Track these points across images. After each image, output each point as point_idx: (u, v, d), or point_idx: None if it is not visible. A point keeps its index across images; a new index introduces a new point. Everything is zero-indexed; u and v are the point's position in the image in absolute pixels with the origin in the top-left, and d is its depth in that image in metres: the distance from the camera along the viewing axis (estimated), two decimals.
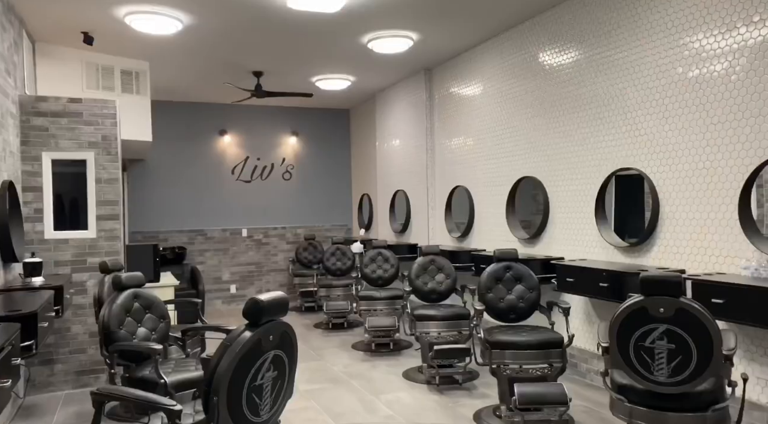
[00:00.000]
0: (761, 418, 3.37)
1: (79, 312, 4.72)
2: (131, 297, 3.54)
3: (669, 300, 2.59)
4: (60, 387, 4.64)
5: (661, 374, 2.63)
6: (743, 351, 3.43)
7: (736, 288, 3.15)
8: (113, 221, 4.82)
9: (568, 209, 4.97)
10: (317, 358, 5.72)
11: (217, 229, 8.92)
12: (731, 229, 3.53)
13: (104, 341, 3.38)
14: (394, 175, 8.25)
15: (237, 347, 2.17)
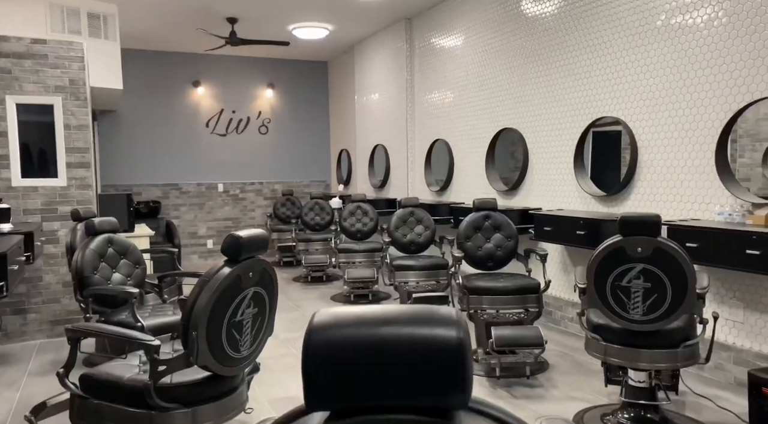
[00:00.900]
0: (728, 358, 3.49)
1: (51, 262, 4.62)
2: (105, 242, 3.46)
3: (647, 240, 2.62)
4: (34, 336, 4.58)
5: (636, 313, 2.68)
6: (713, 294, 3.53)
7: (710, 232, 3.21)
8: (84, 170, 4.68)
9: (547, 160, 4.97)
10: (296, 309, 5.74)
11: (192, 183, 8.76)
12: (707, 175, 3.57)
13: (78, 285, 3.31)
14: (373, 129, 8.15)
15: (215, 284, 2.14)
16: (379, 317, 0.67)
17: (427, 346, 0.64)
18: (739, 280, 3.40)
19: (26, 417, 2.36)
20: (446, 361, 0.64)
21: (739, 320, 3.41)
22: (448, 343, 0.64)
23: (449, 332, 0.65)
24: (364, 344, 0.65)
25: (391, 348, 0.65)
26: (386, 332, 0.65)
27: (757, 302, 3.33)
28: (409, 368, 0.64)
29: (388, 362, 0.65)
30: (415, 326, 0.66)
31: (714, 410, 3.11)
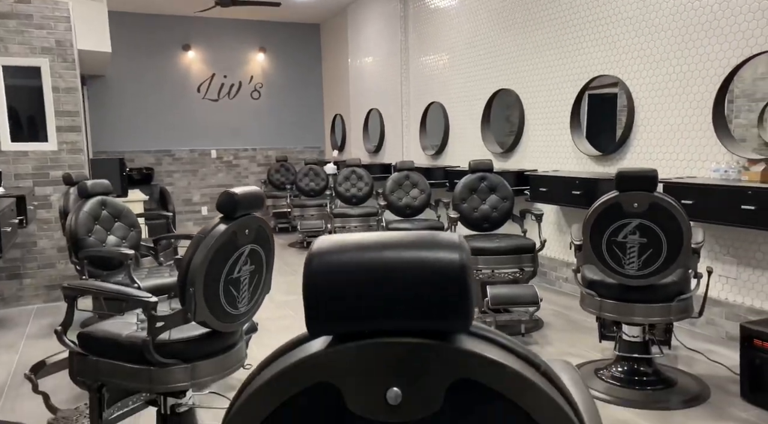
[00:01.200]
0: (719, 313, 3.53)
1: (44, 227, 4.59)
2: (99, 205, 3.43)
3: (643, 195, 2.61)
4: (30, 301, 4.59)
5: (632, 268, 2.69)
6: (707, 251, 3.55)
7: (705, 188, 3.21)
8: (75, 134, 4.61)
9: (543, 120, 4.93)
10: (293, 273, 5.76)
11: (185, 149, 8.68)
12: (704, 132, 3.55)
13: (73, 248, 3.29)
14: (367, 93, 8.05)
15: (211, 240, 2.13)
16: (381, 242, 0.66)
17: (429, 269, 0.63)
18: (733, 236, 3.42)
19: (26, 375, 2.37)
20: (448, 284, 0.63)
21: (732, 275, 3.45)
22: (451, 266, 0.63)
23: (452, 255, 0.64)
24: (366, 268, 0.64)
25: (393, 271, 0.64)
26: (388, 256, 0.64)
27: (750, 258, 3.35)
28: (411, 291, 0.64)
29: (389, 285, 0.64)
30: (418, 249, 0.65)
31: (705, 363, 3.16)
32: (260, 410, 0.67)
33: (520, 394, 0.65)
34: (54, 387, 2.91)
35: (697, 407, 2.68)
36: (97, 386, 2.27)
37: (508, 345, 0.69)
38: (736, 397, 2.75)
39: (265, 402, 0.66)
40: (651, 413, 2.64)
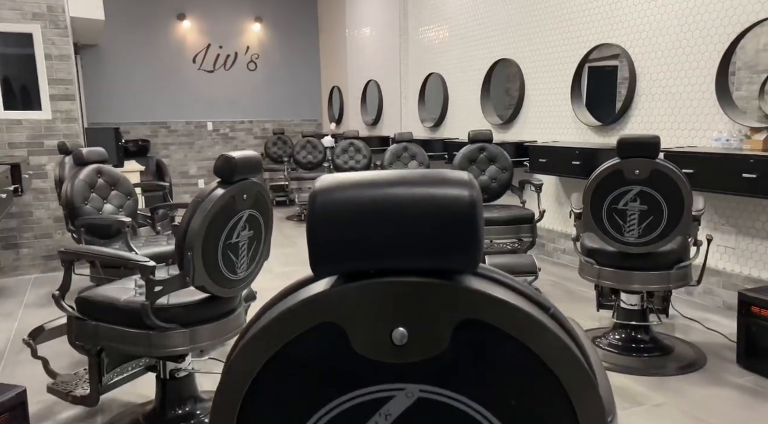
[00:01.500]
0: (717, 282, 3.55)
1: (40, 197, 4.56)
2: (94, 172, 3.39)
3: (645, 161, 2.59)
4: (28, 271, 4.58)
5: (632, 235, 2.69)
6: (706, 221, 3.55)
7: (706, 157, 3.19)
8: (69, 102, 4.55)
9: (543, 90, 4.88)
10: (291, 245, 5.75)
11: (181, 121, 8.59)
12: (707, 101, 3.52)
13: (69, 215, 3.27)
14: (365, 64, 7.94)
15: (209, 205, 2.11)
16: (387, 178, 0.64)
17: (437, 205, 0.61)
18: (733, 205, 3.41)
19: (24, 340, 2.37)
20: (457, 221, 0.61)
21: (731, 245, 3.45)
22: (460, 202, 0.61)
23: (461, 191, 0.62)
24: (372, 204, 0.62)
25: (399, 207, 0.62)
26: (395, 192, 0.62)
27: (749, 227, 3.35)
28: (419, 228, 0.62)
29: (396, 222, 0.62)
30: (425, 186, 0.63)
31: (702, 331, 3.18)
32: (264, 351, 0.65)
33: (529, 334, 0.63)
34: (53, 353, 2.91)
35: (693, 373, 2.70)
36: (96, 350, 2.27)
37: (517, 287, 0.68)
38: (732, 363, 2.77)
39: (268, 342, 0.65)
40: (647, 379, 2.66)
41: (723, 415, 2.32)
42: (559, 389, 0.64)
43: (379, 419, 0.65)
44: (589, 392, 0.64)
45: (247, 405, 0.67)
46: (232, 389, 0.67)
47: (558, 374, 0.64)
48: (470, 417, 0.64)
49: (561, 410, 0.65)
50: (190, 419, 2.33)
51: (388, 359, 0.64)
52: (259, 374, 0.66)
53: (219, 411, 0.68)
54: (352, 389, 0.65)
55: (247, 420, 0.67)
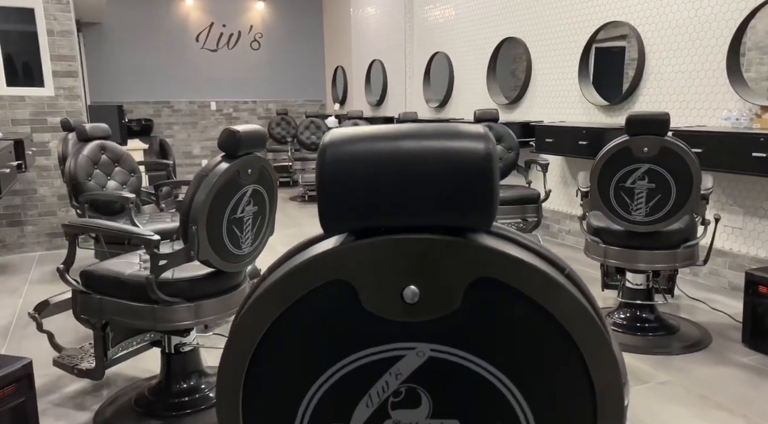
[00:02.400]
0: (723, 263, 3.53)
1: (44, 174, 4.55)
2: (98, 149, 3.38)
3: (654, 139, 2.56)
4: (33, 248, 4.59)
5: (639, 214, 2.66)
6: (714, 201, 3.52)
7: (715, 136, 3.15)
8: (72, 79, 4.51)
9: (550, 69, 4.82)
10: (295, 226, 5.75)
11: (184, 101, 8.54)
12: (717, 79, 3.47)
13: (73, 191, 3.26)
14: (369, 44, 7.86)
15: (213, 178, 2.09)
16: (399, 132, 0.62)
17: (451, 159, 0.59)
18: (741, 186, 3.38)
19: (30, 314, 2.37)
20: (472, 174, 0.59)
21: (738, 225, 3.42)
22: (475, 156, 0.59)
23: (476, 144, 0.60)
24: (383, 158, 0.60)
25: (412, 161, 0.60)
26: (407, 145, 0.60)
27: (757, 208, 3.32)
28: (431, 182, 0.60)
29: (408, 177, 0.60)
30: (439, 139, 0.60)
31: (707, 311, 3.17)
32: (272, 309, 0.64)
33: (544, 294, 0.62)
34: (58, 329, 2.92)
35: (698, 352, 2.70)
36: (101, 324, 2.27)
37: (532, 246, 0.66)
38: (737, 343, 2.76)
39: (277, 300, 0.64)
40: (652, 358, 2.66)
41: (727, 393, 2.32)
42: (573, 349, 0.63)
43: (389, 379, 0.64)
44: (605, 354, 0.63)
45: (254, 364, 0.66)
46: (240, 348, 0.65)
47: (573, 335, 0.62)
48: (482, 377, 0.63)
49: (575, 371, 0.63)
50: (194, 393, 2.34)
51: (398, 317, 0.63)
52: (267, 332, 0.65)
53: (227, 370, 0.67)
54: (361, 348, 0.63)
55: (255, 379, 0.66)
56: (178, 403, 2.30)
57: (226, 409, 0.68)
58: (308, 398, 0.65)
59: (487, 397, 0.64)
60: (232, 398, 0.67)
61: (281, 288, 0.64)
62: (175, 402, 2.30)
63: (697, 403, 2.25)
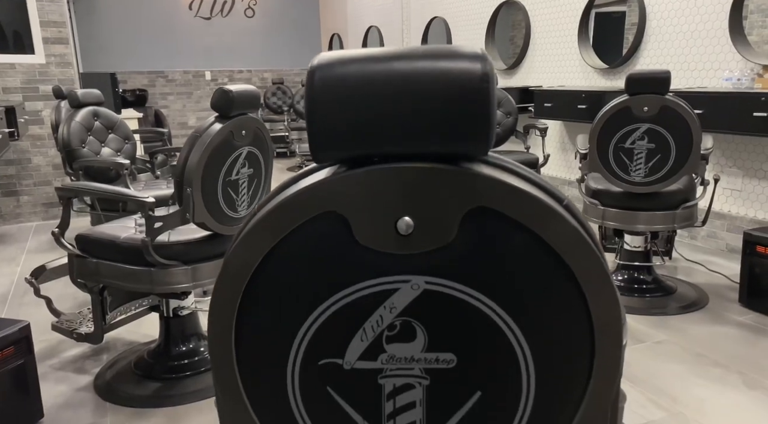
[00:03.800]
0: (721, 225, 3.52)
1: (38, 144, 4.50)
2: (91, 115, 3.33)
3: (654, 98, 2.52)
4: (29, 218, 4.57)
5: (638, 175, 2.64)
6: (713, 164, 3.49)
7: (716, 96, 3.11)
8: (63, 46, 4.43)
9: (549, 33, 4.74)
10: None
11: (179, 71, 8.42)
12: (719, 39, 3.41)
13: (66, 158, 3.22)
14: (366, 10, 7.71)
15: (207, 139, 2.06)
16: (392, 53, 0.59)
17: (446, 80, 0.57)
18: (741, 147, 3.35)
19: (27, 279, 2.36)
20: (468, 97, 0.57)
21: (737, 188, 3.41)
22: (471, 76, 0.57)
23: (473, 64, 0.57)
24: (375, 79, 0.57)
25: (405, 83, 0.57)
26: (400, 66, 0.57)
27: (756, 169, 3.30)
28: (426, 105, 0.57)
29: (401, 99, 0.57)
30: (434, 59, 0.58)
31: (705, 273, 3.18)
32: (262, 243, 0.62)
33: (542, 224, 0.60)
34: (57, 297, 2.93)
35: (695, 312, 2.71)
36: (99, 288, 2.27)
37: (529, 176, 0.64)
38: (734, 303, 2.77)
39: (268, 234, 0.62)
40: (649, 318, 2.67)
41: (724, 351, 2.33)
42: (571, 282, 0.61)
43: (383, 312, 0.63)
44: (604, 287, 0.61)
45: (246, 301, 0.64)
46: (230, 284, 0.64)
47: (571, 266, 0.61)
48: (478, 310, 0.62)
49: (573, 305, 0.62)
50: (194, 356, 2.35)
51: (392, 249, 0.61)
52: (258, 268, 0.63)
53: (218, 308, 0.65)
54: (355, 281, 0.62)
55: (247, 317, 0.65)
56: (178, 365, 2.31)
57: (218, 348, 0.67)
58: (302, 333, 0.64)
59: (483, 330, 0.63)
60: (224, 336, 0.66)
61: (271, 222, 0.62)
62: (175, 365, 2.31)
63: (694, 361, 2.27)
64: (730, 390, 2.05)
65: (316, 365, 0.65)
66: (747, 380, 2.11)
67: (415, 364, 0.64)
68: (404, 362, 0.64)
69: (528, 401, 0.64)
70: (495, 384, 0.64)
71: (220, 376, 0.68)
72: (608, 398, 0.66)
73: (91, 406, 2.08)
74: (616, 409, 0.68)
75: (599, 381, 0.64)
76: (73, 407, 2.08)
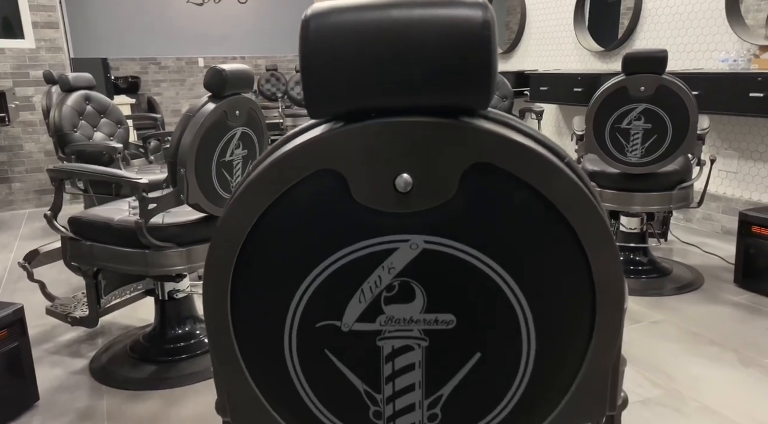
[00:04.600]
0: (717, 208, 3.53)
1: (29, 130, 4.45)
2: (82, 99, 3.29)
3: (651, 77, 2.51)
4: (22, 206, 4.53)
5: (635, 155, 2.64)
6: (708, 146, 3.49)
7: (713, 77, 3.10)
8: (53, 30, 4.37)
9: (545, 16, 4.71)
10: None
11: (171, 57, 8.33)
12: (715, 20, 3.39)
13: (58, 143, 3.19)
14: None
15: (200, 119, 2.04)
16: (389, 1, 0.57)
17: (446, 28, 0.55)
18: (737, 129, 3.35)
19: (20, 263, 2.34)
20: (469, 46, 0.55)
21: (732, 169, 3.41)
22: (472, 24, 0.55)
23: (474, 12, 0.55)
24: (372, 29, 0.56)
25: (402, 32, 0.55)
26: (398, 14, 0.56)
27: (752, 151, 3.30)
28: (424, 55, 0.56)
29: (399, 49, 0.56)
30: (433, 7, 0.56)
31: (700, 254, 3.19)
32: (258, 202, 0.61)
33: (544, 180, 0.59)
34: (51, 282, 2.91)
35: (690, 292, 2.71)
36: (93, 272, 2.25)
37: (530, 132, 0.63)
38: (729, 283, 2.78)
39: (263, 192, 0.60)
40: (645, 299, 2.67)
41: (719, 329, 2.34)
42: (573, 239, 0.60)
43: (382, 273, 0.61)
44: (606, 244, 0.60)
45: (242, 262, 0.63)
46: (225, 246, 0.62)
47: (573, 223, 0.60)
48: (478, 270, 0.61)
49: (574, 263, 0.61)
50: (190, 339, 2.34)
51: (391, 208, 0.60)
52: (253, 227, 0.62)
53: (213, 270, 0.64)
54: (353, 241, 0.61)
55: (243, 278, 0.64)
56: (174, 348, 2.31)
57: (214, 313, 0.66)
58: (299, 295, 0.63)
59: (483, 290, 0.62)
60: (220, 300, 0.65)
61: (266, 180, 0.60)
62: (171, 347, 2.31)
63: (690, 339, 2.27)
64: (726, 368, 2.06)
65: (314, 328, 0.64)
66: (742, 358, 2.12)
67: (414, 325, 0.63)
68: (403, 323, 0.63)
69: (528, 361, 0.64)
70: (495, 345, 0.63)
71: (216, 341, 0.67)
72: (609, 359, 0.65)
73: (87, 389, 2.07)
74: (617, 372, 0.67)
75: (600, 341, 0.64)
76: (69, 389, 2.07)
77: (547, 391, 0.65)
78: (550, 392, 0.65)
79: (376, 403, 0.65)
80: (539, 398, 0.65)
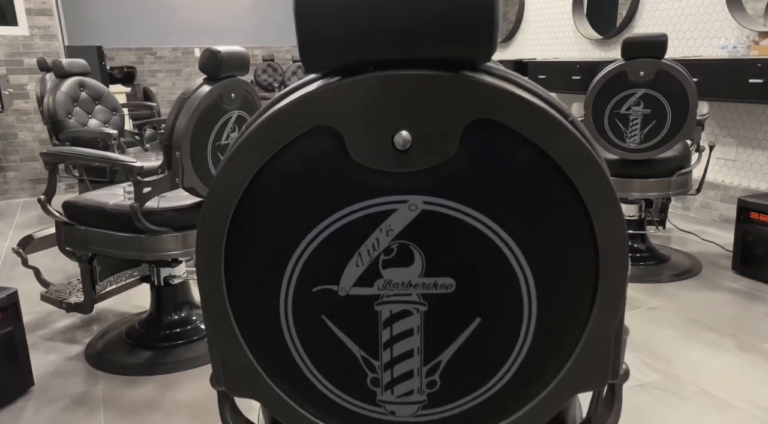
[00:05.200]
0: (715, 196, 3.52)
1: (24, 118, 4.41)
2: (77, 85, 3.26)
3: (650, 62, 2.49)
4: (16, 195, 4.50)
5: (633, 141, 2.62)
6: (707, 134, 3.48)
7: (712, 63, 3.08)
8: (47, 17, 4.32)
9: (543, 3, 4.67)
10: None
11: (167, 48, 8.27)
12: (714, 7, 3.37)
13: (53, 129, 3.16)
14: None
15: (195, 101, 2.01)
16: None
17: None
18: (735, 116, 3.33)
19: (14, 249, 2.32)
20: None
21: (731, 157, 3.40)
22: None
23: None
24: None
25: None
26: None
27: (751, 138, 3.29)
28: (423, 1, 0.53)
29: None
30: None
31: (698, 242, 3.18)
32: (251, 162, 0.59)
33: (548, 137, 0.57)
34: (46, 269, 2.89)
35: (688, 279, 2.71)
36: (88, 257, 2.23)
37: (533, 88, 0.61)
38: (726, 270, 2.78)
39: (257, 151, 0.58)
40: (643, 285, 2.67)
41: (716, 315, 2.34)
42: (576, 200, 0.58)
43: (379, 235, 0.60)
44: (610, 205, 0.59)
45: (235, 226, 0.61)
46: (218, 208, 0.61)
47: (577, 183, 0.58)
48: (478, 232, 0.59)
49: (578, 225, 0.59)
50: (186, 325, 2.32)
51: (389, 167, 0.58)
52: (247, 188, 0.60)
53: (206, 234, 0.62)
54: (349, 202, 0.59)
55: (236, 242, 0.62)
56: (170, 334, 2.29)
57: (207, 278, 0.64)
58: (294, 259, 0.61)
59: (484, 253, 0.60)
60: (213, 264, 0.63)
61: (260, 138, 0.58)
62: (167, 333, 2.29)
63: (688, 325, 2.27)
64: (723, 353, 2.06)
65: (310, 293, 0.62)
66: (740, 343, 2.12)
67: (412, 289, 0.61)
68: (401, 287, 0.61)
69: (529, 327, 0.62)
70: (495, 310, 0.62)
71: (210, 308, 0.65)
72: (612, 326, 0.64)
73: (82, 374, 2.06)
74: (619, 340, 0.65)
75: (603, 307, 0.62)
76: (64, 375, 2.05)
77: (548, 358, 0.64)
78: (551, 359, 0.64)
79: (374, 369, 0.64)
80: (540, 365, 0.64)
